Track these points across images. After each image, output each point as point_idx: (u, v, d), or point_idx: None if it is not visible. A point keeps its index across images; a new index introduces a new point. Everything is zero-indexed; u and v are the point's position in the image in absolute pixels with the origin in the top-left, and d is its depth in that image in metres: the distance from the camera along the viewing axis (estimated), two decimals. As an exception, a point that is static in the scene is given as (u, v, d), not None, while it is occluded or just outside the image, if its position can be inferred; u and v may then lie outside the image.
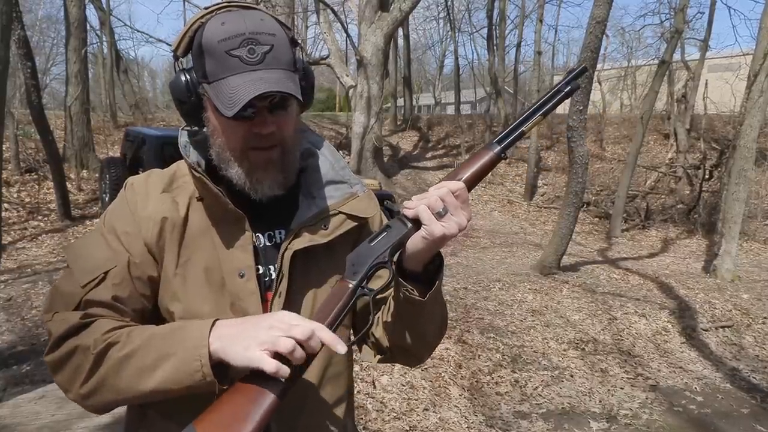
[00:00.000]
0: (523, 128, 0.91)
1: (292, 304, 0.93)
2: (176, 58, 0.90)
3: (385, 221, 1.07)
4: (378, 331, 1.00)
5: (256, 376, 0.77)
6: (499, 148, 0.89)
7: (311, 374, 0.95)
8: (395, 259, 0.89)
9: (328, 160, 1.01)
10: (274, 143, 0.89)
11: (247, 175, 0.90)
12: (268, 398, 0.76)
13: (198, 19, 0.88)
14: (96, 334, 0.81)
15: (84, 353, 0.80)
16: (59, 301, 0.87)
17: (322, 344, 0.77)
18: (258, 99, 0.81)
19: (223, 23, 0.84)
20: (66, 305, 0.86)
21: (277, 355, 0.74)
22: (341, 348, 0.77)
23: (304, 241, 0.93)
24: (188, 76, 0.89)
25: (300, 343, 0.74)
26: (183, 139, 0.95)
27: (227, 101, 0.82)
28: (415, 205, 0.84)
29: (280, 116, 0.88)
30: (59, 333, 0.82)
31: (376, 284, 0.87)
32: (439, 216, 0.83)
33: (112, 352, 0.79)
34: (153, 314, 0.93)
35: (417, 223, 0.85)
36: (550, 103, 0.91)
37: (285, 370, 0.74)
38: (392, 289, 0.93)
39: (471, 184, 0.88)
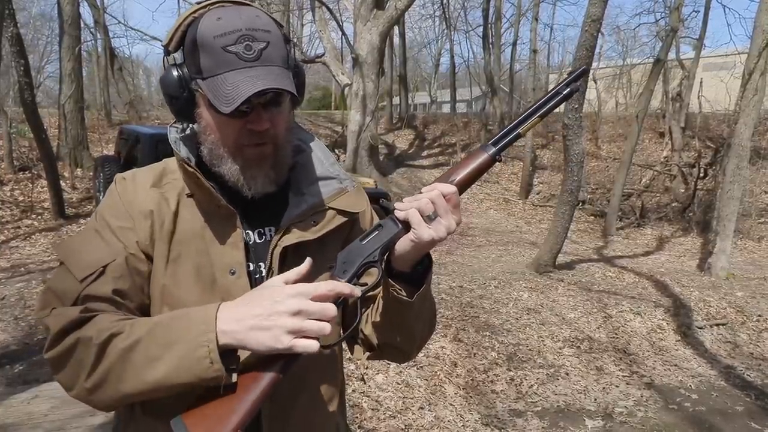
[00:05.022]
0: (519, 130, 0.91)
1: None
2: (167, 53, 0.89)
3: (377, 218, 1.07)
4: (367, 329, 1.01)
5: (253, 362, 0.78)
6: (494, 149, 0.90)
7: (301, 372, 0.94)
8: (384, 258, 0.89)
9: (317, 157, 1.01)
10: (268, 140, 0.89)
11: (241, 171, 0.89)
12: (266, 378, 0.77)
13: (191, 13, 0.87)
14: (98, 326, 0.78)
15: (86, 345, 0.77)
16: (54, 298, 0.84)
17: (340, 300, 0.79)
18: (254, 96, 0.80)
19: (219, 18, 0.83)
20: (63, 302, 0.82)
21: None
22: (357, 291, 0.81)
23: (294, 237, 0.93)
24: (180, 71, 0.88)
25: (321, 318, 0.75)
26: (173, 135, 0.95)
27: (224, 97, 0.81)
28: (406, 207, 0.85)
29: (273, 113, 0.88)
30: (59, 327, 0.79)
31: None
32: (429, 219, 0.83)
33: (116, 342, 0.76)
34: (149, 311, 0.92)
35: (407, 225, 0.85)
36: (548, 106, 0.91)
37: (315, 346, 0.74)
38: (381, 288, 0.93)
39: (464, 186, 0.88)
